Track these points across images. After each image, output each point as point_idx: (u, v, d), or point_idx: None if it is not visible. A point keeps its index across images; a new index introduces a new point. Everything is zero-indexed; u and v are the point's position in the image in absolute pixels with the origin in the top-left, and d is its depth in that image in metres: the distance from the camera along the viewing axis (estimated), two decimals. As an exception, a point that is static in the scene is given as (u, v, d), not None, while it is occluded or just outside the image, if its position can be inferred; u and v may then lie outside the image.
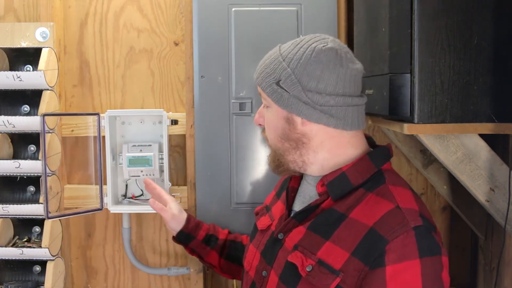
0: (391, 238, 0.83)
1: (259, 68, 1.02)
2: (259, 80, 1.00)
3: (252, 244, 1.10)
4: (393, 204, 0.88)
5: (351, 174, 0.95)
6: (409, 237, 0.83)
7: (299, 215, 0.99)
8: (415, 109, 1.03)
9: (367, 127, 1.58)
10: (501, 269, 1.30)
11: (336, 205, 0.94)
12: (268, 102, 1.00)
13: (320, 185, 0.97)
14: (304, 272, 0.90)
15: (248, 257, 1.10)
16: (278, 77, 0.96)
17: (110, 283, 1.67)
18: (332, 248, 0.89)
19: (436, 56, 1.02)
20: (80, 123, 1.58)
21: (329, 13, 1.43)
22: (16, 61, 1.51)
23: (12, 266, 1.50)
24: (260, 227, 1.10)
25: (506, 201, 1.09)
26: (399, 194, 0.91)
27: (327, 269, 0.88)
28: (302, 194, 1.05)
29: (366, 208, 0.90)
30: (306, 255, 0.92)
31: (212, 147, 1.46)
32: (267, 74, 0.98)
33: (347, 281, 0.85)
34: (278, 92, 0.96)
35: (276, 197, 1.15)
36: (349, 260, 0.86)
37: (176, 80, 1.62)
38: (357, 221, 0.89)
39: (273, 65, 0.98)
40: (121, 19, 1.61)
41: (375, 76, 1.19)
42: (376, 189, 0.92)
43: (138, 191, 1.58)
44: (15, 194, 1.52)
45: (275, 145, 1.02)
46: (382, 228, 0.85)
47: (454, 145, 1.09)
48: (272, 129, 1.02)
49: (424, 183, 1.59)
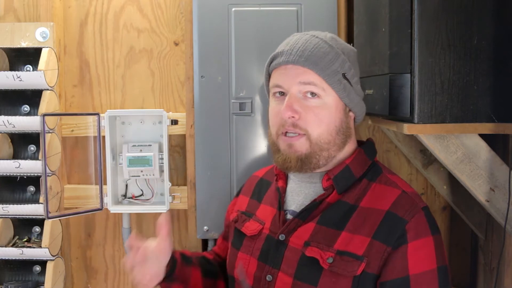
0: (408, 218, 0.90)
1: (310, 55, 0.94)
2: (318, 68, 0.94)
3: (241, 252, 1.05)
4: (399, 189, 0.95)
5: (353, 167, 0.99)
6: (421, 216, 0.91)
7: (303, 213, 0.98)
8: (415, 109, 1.03)
9: (367, 127, 1.58)
10: (501, 269, 1.30)
11: (343, 197, 0.97)
12: (326, 93, 0.95)
13: (326, 180, 0.98)
14: (326, 265, 0.90)
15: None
16: (342, 68, 0.96)
17: (110, 283, 1.67)
18: (349, 238, 0.92)
19: (436, 56, 1.02)
20: (80, 123, 1.58)
21: (329, 13, 1.43)
22: (16, 61, 1.51)
23: (12, 266, 1.50)
24: (249, 233, 1.05)
25: (506, 201, 1.09)
26: (398, 181, 0.98)
27: (350, 256, 0.90)
28: (294, 193, 1.03)
29: (375, 196, 0.95)
30: (322, 249, 0.92)
31: (212, 147, 1.46)
32: (328, 63, 0.94)
33: (371, 264, 0.89)
34: (343, 84, 0.96)
35: (255, 201, 1.11)
36: (370, 244, 0.90)
37: (176, 80, 1.62)
38: (369, 209, 0.94)
39: (331, 56, 0.95)
40: (121, 19, 1.61)
41: (375, 76, 1.19)
42: (377, 178, 0.98)
43: (138, 191, 1.58)
44: (15, 194, 1.52)
45: (324, 138, 0.95)
46: (399, 210, 0.91)
47: (454, 145, 1.09)
48: (325, 121, 0.95)
49: (424, 183, 1.59)
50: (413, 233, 0.89)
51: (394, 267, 0.89)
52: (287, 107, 0.94)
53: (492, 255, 1.40)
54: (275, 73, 0.99)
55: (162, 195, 1.57)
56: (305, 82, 0.94)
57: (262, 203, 1.09)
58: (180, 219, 1.64)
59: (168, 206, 1.52)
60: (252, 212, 1.09)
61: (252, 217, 1.08)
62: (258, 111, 1.44)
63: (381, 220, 0.91)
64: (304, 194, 1.01)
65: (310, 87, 0.94)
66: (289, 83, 0.96)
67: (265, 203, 1.08)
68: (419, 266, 0.89)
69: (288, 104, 0.94)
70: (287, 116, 0.94)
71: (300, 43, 0.96)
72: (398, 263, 0.89)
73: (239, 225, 1.09)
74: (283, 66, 0.97)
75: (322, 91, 0.95)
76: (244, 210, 1.12)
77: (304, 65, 0.94)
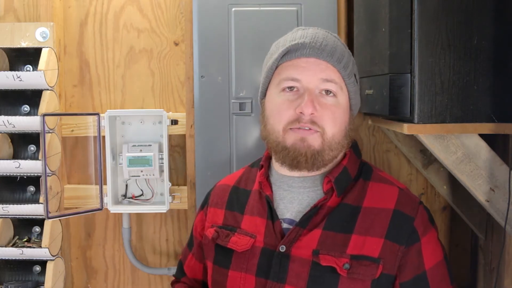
0: (414, 214, 0.92)
1: (332, 51, 0.91)
2: (340, 66, 0.92)
3: (232, 270, 0.95)
4: (395, 186, 0.97)
5: (350, 168, 0.98)
6: (422, 211, 0.94)
7: (303, 221, 0.93)
8: (415, 109, 1.03)
9: (367, 127, 1.58)
10: (501, 269, 1.30)
11: (343, 200, 0.94)
12: (342, 92, 0.93)
13: (326, 183, 0.95)
14: (344, 271, 0.87)
15: (233, 285, 0.95)
16: (354, 69, 0.97)
17: (110, 283, 1.67)
18: (361, 240, 0.90)
19: (436, 56, 1.02)
20: (80, 123, 1.58)
21: (329, 13, 1.43)
22: (16, 61, 1.51)
23: (12, 266, 1.50)
24: (239, 248, 0.95)
25: (506, 201, 1.09)
26: (390, 177, 1.00)
27: (367, 260, 0.88)
28: (286, 200, 0.97)
29: (375, 195, 0.95)
30: (335, 255, 0.88)
31: (212, 147, 1.46)
32: (347, 62, 0.93)
33: (387, 265, 0.89)
34: (355, 84, 0.97)
35: (235, 212, 1.02)
36: (384, 245, 0.89)
37: (176, 80, 1.62)
38: (374, 208, 0.93)
39: (347, 54, 0.95)
40: (121, 19, 1.61)
41: (375, 76, 1.19)
42: (371, 177, 0.98)
43: (138, 191, 1.58)
44: (15, 194, 1.52)
45: (336, 138, 0.93)
46: (404, 208, 0.93)
47: (454, 145, 1.09)
48: (339, 121, 0.93)
49: (424, 183, 1.59)
50: (422, 229, 0.91)
51: (412, 265, 0.90)
52: (309, 102, 0.89)
53: (492, 255, 1.40)
54: (289, 66, 0.93)
55: (162, 195, 1.57)
56: (328, 79, 0.91)
57: (246, 214, 0.99)
58: (180, 219, 1.64)
59: (168, 206, 1.52)
60: (235, 225, 0.99)
61: (236, 230, 0.98)
62: (258, 111, 1.44)
63: (390, 219, 0.91)
64: (298, 201, 0.96)
65: (331, 85, 0.91)
66: (309, 78, 0.91)
67: (251, 214, 0.99)
68: (432, 259, 0.92)
69: (310, 100, 0.89)
70: (309, 113, 0.89)
71: (319, 37, 0.92)
72: (415, 261, 0.90)
73: (222, 242, 0.99)
74: (303, 59, 0.92)
75: (340, 90, 0.92)
76: (222, 224, 1.02)
77: (329, 61, 0.91)
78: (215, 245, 1.00)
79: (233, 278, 0.95)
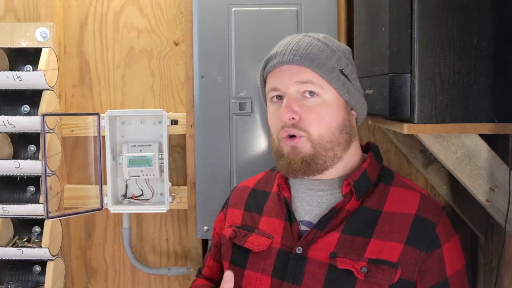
0: (436, 220, 0.91)
1: (305, 53, 0.92)
2: (314, 65, 0.91)
3: (248, 270, 0.97)
4: (417, 192, 0.96)
5: (370, 172, 0.97)
6: (445, 217, 0.93)
7: (321, 223, 0.93)
8: (415, 109, 1.03)
9: (367, 127, 1.58)
10: (501, 269, 1.30)
11: (363, 203, 0.94)
12: (325, 90, 0.92)
13: (345, 186, 0.95)
14: (361, 275, 0.87)
15: (248, 285, 0.96)
16: (338, 65, 0.94)
17: (110, 283, 1.67)
18: (380, 245, 0.89)
19: (436, 56, 1.02)
20: (80, 123, 1.58)
21: (329, 13, 1.43)
22: (16, 61, 1.51)
23: (12, 266, 1.50)
24: (256, 249, 0.97)
25: (506, 201, 1.09)
26: (412, 183, 0.99)
27: (386, 264, 0.87)
28: (304, 202, 0.98)
29: (396, 200, 0.94)
30: (352, 259, 0.88)
31: (212, 147, 1.46)
32: (325, 60, 0.92)
33: (406, 271, 0.88)
34: (341, 80, 0.94)
35: (254, 213, 1.03)
36: (404, 250, 0.88)
37: (176, 80, 1.62)
38: (395, 213, 0.92)
39: (326, 52, 0.93)
40: (121, 19, 1.61)
41: (375, 76, 1.19)
42: (392, 181, 0.98)
43: (138, 191, 1.58)
44: (15, 194, 1.52)
45: (326, 138, 0.92)
46: (426, 213, 0.92)
47: (454, 145, 1.09)
48: (326, 120, 0.92)
49: (424, 183, 1.59)
50: (444, 236, 0.90)
51: (434, 272, 0.89)
52: (286, 108, 0.90)
53: (492, 255, 1.40)
54: (270, 77, 0.97)
55: (162, 195, 1.57)
56: (302, 81, 0.92)
57: (264, 216, 1.01)
58: (180, 219, 1.64)
59: (168, 206, 1.52)
60: (253, 225, 1.01)
61: (254, 231, 1.00)
62: (258, 111, 1.44)
63: (410, 224, 0.90)
64: (316, 203, 0.97)
65: (308, 85, 0.92)
66: (285, 84, 0.93)
67: (269, 215, 1.01)
68: (453, 266, 0.91)
69: (287, 105, 0.91)
70: (287, 118, 0.91)
71: (293, 43, 0.94)
72: (436, 268, 0.89)
73: (239, 241, 1.00)
74: (277, 68, 0.94)
75: (321, 89, 0.92)
76: (240, 224, 1.04)
77: (299, 63, 0.91)
78: (233, 244, 1.02)
79: (248, 278, 0.96)
